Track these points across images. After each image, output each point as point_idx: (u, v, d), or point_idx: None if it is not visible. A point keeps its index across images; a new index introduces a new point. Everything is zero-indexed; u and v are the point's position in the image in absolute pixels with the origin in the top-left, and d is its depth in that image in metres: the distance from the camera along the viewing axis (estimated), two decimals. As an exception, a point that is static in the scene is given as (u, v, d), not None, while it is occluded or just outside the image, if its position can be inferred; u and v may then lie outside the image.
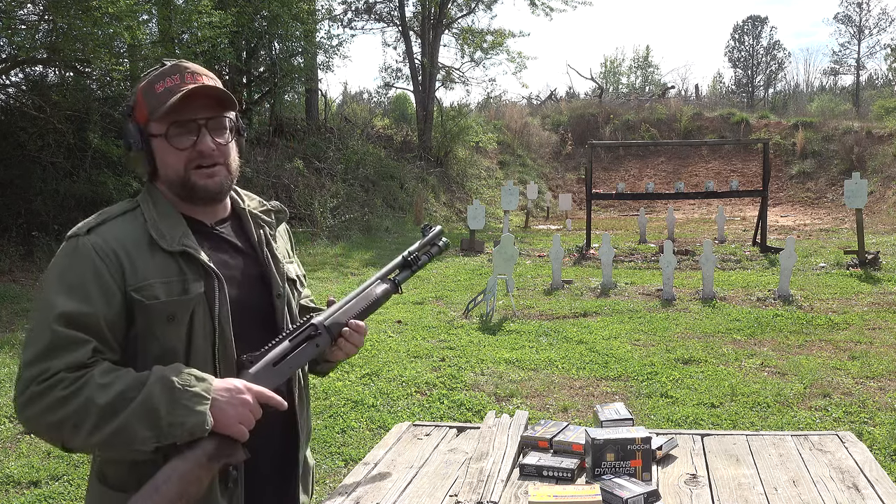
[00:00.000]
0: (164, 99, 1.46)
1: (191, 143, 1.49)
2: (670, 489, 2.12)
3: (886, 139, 20.77)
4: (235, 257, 1.59)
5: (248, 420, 1.40)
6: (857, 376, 5.71)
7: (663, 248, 9.35)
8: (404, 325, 7.63)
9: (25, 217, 10.50)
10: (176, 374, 1.36)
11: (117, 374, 1.36)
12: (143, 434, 1.32)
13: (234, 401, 1.38)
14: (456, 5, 22.53)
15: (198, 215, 1.57)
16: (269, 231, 1.68)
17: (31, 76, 12.08)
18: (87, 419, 1.31)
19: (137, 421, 1.31)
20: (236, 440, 1.39)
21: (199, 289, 1.46)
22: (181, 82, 1.48)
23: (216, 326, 1.48)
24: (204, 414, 1.34)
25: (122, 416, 1.31)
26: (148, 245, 1.46)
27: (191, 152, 1.49)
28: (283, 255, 1.71)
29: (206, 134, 1.50)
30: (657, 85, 37.35)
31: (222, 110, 1.55)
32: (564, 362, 6.24)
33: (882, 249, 11.70)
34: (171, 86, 1.47)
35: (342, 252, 13.16)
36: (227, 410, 1.37)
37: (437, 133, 21.10)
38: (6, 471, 4.16)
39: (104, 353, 1.40)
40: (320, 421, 4.90)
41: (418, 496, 2.15)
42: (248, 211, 1.67)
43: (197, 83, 1.49)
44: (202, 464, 1.36)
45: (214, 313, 1.48)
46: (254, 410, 1.40)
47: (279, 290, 1.62)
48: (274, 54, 17.59)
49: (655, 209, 20.27)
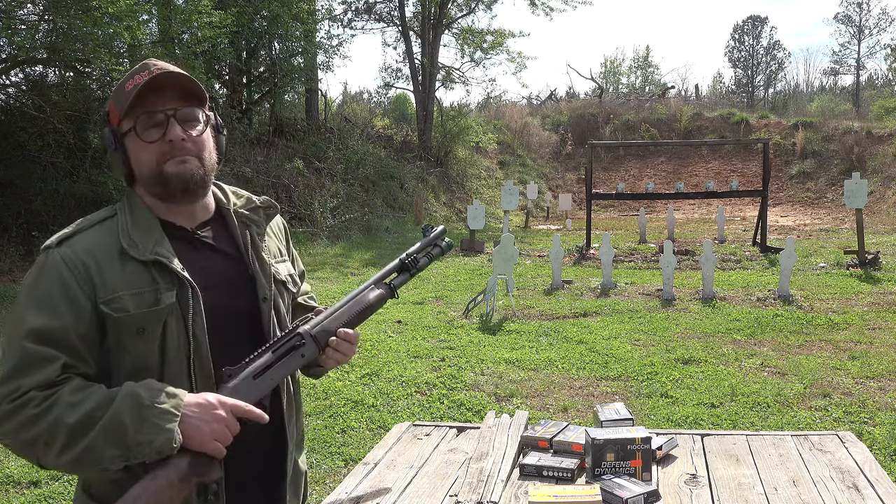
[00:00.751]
0: (131, 94, 1.43)
1: (160, 135, 1.45)
2: (670, 489, 2.12)
3: (886, 139, 20.77)
4: (218, 262, 1.54)
5: (224, 436, 1.35)
6: (857, 376, 5.71)
7: (663, 248, 9.35)
8: (404, 325, 7.63)
9: (25, 217, 10.51)
10: (146, 390, 1.32)
11: (88, 391, 1.32)
12: (110, 453, 1.29)
13: (206, 417, 1.34)
14: (456, 5, 22.53)
15: (178, 219, 1.52)
16: (257, 230, 1.62)
17: (31, 76, 12.09)
18: (57, 438, 1.29)
19: (105, 440, 1.28)
20: (212, 457, 1.35)
21: (170, 299, 1.41)
22: (149, 76, 1.44)
23: (190, 338, 1.43)
24: (172, 432, 1.30)
25: (90, 435, 1.28)
26: (119, 255, 1.42)
27: (161, 144, 1.45)
28: (274, 254, 1.65)
29: (175, 124, 1.45)
30: (657, 85, 37.36)
31: (192, 102, 1.49)
32: (564, 362, 6.24)
33: (882, 249, 11.70)
34: (138, 82, 1.44)
35: (342, 252, 13.16)
36: (200, 427, 1.33)
37: (437, 133, 21.10)
38: (6, 471, 4.16)
39: (77, 367, 1.36)
40: (320, 421, 4.90)
41: (418, 496, 2.15)
42: (233, 211, 1.61)
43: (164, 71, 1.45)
44: (173, 483, 1.31)
45: (188, 324, 1.42)
46: (230, 426, 1.36)
47: (265, 293, 1.56)
48: (274, 54, 17.60)
49: (655, 209, 20.27)
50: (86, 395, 1.32)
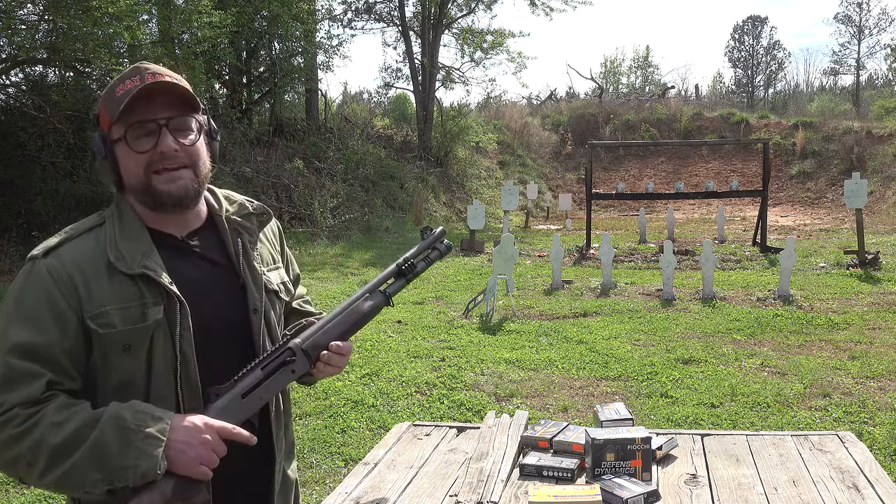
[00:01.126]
0: (123, 101, 1.38)
1: (151, 146, 1.40)
2: (670, 489, 2.12)
3: (886, 139, 20.78)
4: (208, 272, 1.50)
5: (210, 460, 1.33)
6: (857, 376, 5.71)
7: (663, 248, 9.35)
8: (404, 325, 7.63)
9: (25, 217, 10.51)
10: (131, 412, 1.29)
11: (72, 411, 1.29)
12: (93, 477, 1.26)
13: (192, 441, 1.31)
14: (456, 5, 22.54)
15: (167, 227, 1.48)
16: (249, 238, 1.57)
17: (31, 76, 12.10)
18: (39, 459, 1.26)
19: (88, 463, 1.26)
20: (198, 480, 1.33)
21: (157, 314, 1.38)
22: (140, 83, 1.39)
23: (177, 353, 1.39)
24: (156, 458, 1.27)
25: (74, 457, 1.26)
26: (106, 268, 1.38)
27: (152, 154, 1.40)
28: (267, 261, 1.61)
29: (168, 134, 1.41)
30: (657, 85, 37.35)
31: (185, 110, 1.45)
32: (564, 362, 6.24)
33: (882, 249, 11.70)
34: (129, 87, 1.39)
35: (342, 252, 13.16)
36: (185, 452, 1.30)
37: (437, 133, 21.11)
38: (6, 471, 4.16)
39: (62, 383, 1.33)
40: (320, 421, 4.90)
41: (418, 496, 2.15)
42: (224, 218, 1.56)
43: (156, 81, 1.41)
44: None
45: (176, 340, 1.39)
46: (216, 449, 1.34)
47: (255, 304, 1.52)
48: (274, 54, 17.61)
49: (655, 209, 20.27)
50: (70, 414, 1.29)
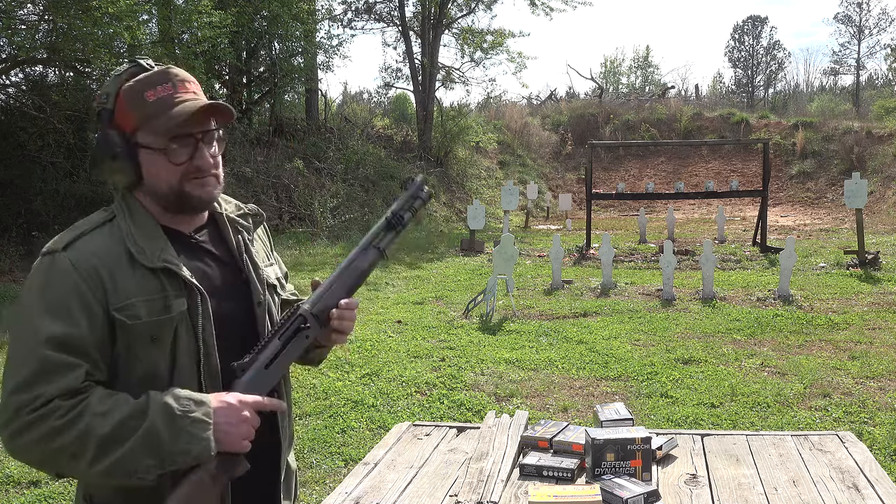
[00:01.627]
0: (159, 111, 1.40)
1: (187, 157, 1.44)
2: (670, 489, 2.12)
3: (886, 139, 20.77)
4: (214, 267, 1.54)
5: (250, 434, 1.40)
6: (857, 376, 5.71)
7: (663, 248, 9.35)
8: (404, 325, 7.63)
9: (25, 217, 10.52)
10: (174, 399, 1.33)
11: (114, 400, 1.32)
12: (146, 463, 1.29)
13: (234, 420, 1.37)
14: (456, 5, 22.52)
15: (177, 225, 1.51)
16: (248, 236, 1.62)
17: (31, 76, 12.11)
18: (86, 449, 1.28)
19: (141, 451, 1.29)
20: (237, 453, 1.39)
21: (181, 306, 1.42)
22: (174, 92, 1.41)
23: (200, 344, 1.43)
24: (209, 440, 1.33)
25: (125, 447, 1.28)
26: (128, 261, 1.40)
27: (188, 166, 1.44)
28: (262, 259, 1.66)
29: (204, 148, 1.45)
30: (657, 85, 37.33)
31: (218, 121, 1.49)
32: (564, 362, 6.24)
33: (882, 249, 11.70)
34: (163, 96, 1.41)
35: (342, 252, 13.15)
36: (230, 432, 1.36)
37: (437, 133, 21.10)
38: (6, 471, 4.16)
39: (94, 374, 1.35)
40: (320, 421, 4.89)
41: (418, 496, 2.15)
42: (225, 216, 1.61)
43: (188, 92, 1.43)
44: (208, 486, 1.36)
45: (198, 331, 1.43)
46: (253, 423, 1.40)
47: (259, 298, 1.57)
48: (274, 54, 17.61)
49: (655, 209, 20.26)
50: (113, 403, 1.31)
